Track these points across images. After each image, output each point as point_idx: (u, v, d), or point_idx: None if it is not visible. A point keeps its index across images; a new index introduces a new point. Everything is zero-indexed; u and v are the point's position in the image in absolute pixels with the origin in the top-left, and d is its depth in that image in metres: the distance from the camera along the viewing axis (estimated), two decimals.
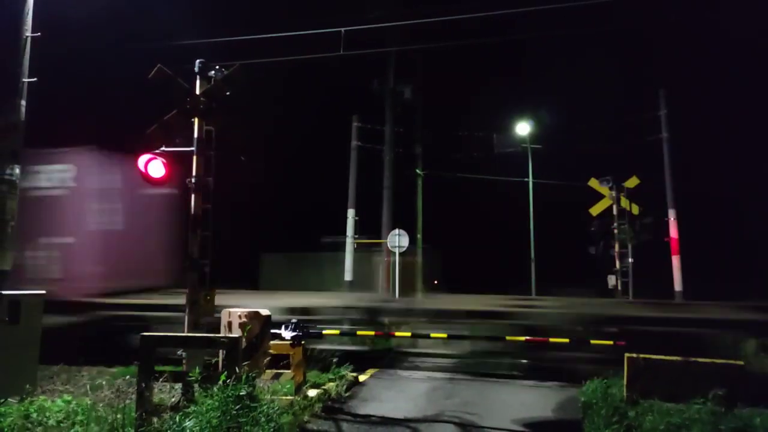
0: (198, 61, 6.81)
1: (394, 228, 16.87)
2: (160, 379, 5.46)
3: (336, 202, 17.96)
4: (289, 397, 6.75)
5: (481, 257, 35.08)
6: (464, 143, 23.31)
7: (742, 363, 5.96)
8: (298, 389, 6.98)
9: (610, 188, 14.96)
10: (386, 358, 10.56)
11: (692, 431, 4.96)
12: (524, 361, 9.92)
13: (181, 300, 6.91)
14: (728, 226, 29.08)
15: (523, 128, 24.33)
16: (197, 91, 6.76)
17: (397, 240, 16.36)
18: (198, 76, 6.82)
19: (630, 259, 14.79)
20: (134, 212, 11.43)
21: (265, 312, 6.63)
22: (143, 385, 5.18)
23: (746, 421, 5.16)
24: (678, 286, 14.23)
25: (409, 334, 12.84)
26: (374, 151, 18.23)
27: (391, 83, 19.07)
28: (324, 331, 9.11)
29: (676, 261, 14.37)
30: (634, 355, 6.16)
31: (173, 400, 5.60)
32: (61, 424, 5.36)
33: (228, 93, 6.76)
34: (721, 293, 18.47)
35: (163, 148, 6.81)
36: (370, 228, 17.61)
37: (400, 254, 16.35)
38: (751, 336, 7.85)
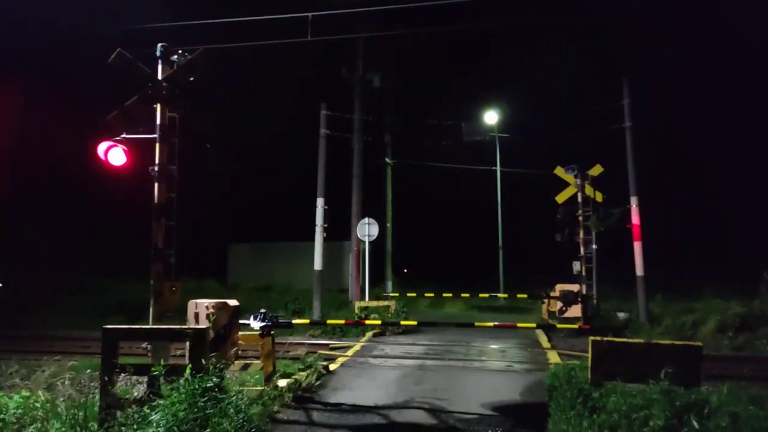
0: (160, 45, 6.58)
1: (363, 217, 16.81)
2: (124, 373, 5.33)
3: (305, 191, 17.80)
4: (258, 388, 6.69)
5: (450, 245, 35.54)
6: (434, 132, 23.41)
7: (700, 344, 6.18)
8: (268, 379, 6.92)
9: (575, 176, 15.21)
10: None
11: (653, 410, 5.12)
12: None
13: None
14: (688, 212, 30.16)
15: (491, 117, 24.57)
16: (159, 77, 6.55)
17: (367, 229, 16.31)
18: (160, 61, 6.60)
19: (594, 246, 15.12)
20: None
21: (233, 302, 6.54)
22: (106, 378, 5.04)
23: (703, 397, 5.36)
24: (640, 271, 14.63)
25: (379, 322, 12.95)
26: (343, 139, 18.08)
27: (359, 71, 18.92)
28: (293, 321, 9.05)
29: (637, 247, 14.74)
30: (599, 338, 6.31)
31: (138, 393, 5.47)
32: (21, 421, 5.18)
33: (192, 78, 6.57)
34: (679, 278, 19.19)
35: (124, 135, 6.61)
36: (339, 217, 17.52)
37: (370, 243, 16.31)
38: None
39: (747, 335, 12.12)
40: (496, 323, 10.32)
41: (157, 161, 6.51)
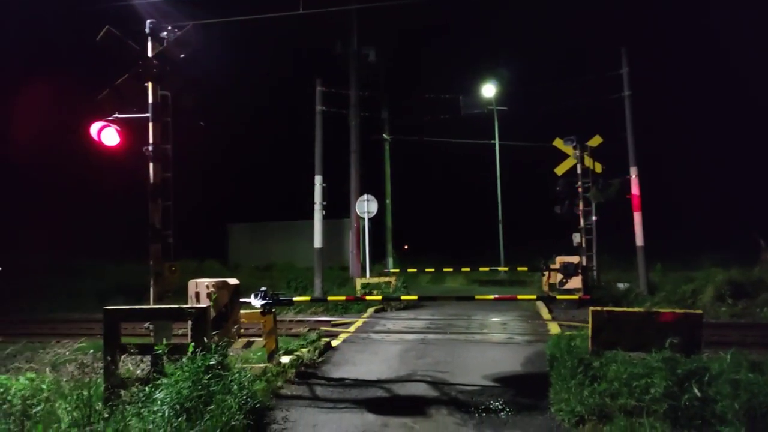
0: (148, 21, 6.45)
1: (362, 194, 16.73)
2: (127, 353, 5.34)
3: (303, 169, 17.70)
4: (261, 365, 6.73)
5: (451, 220, 35.58)
6: (432, 106, 23.18)
7: (701, 312, 6.19)
8: (271, 356, 6.96)
9: (574, 147, 15.11)
10: None
11: (654, 378, 5.14)
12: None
13: None
14: (687, 181, 30.12)
15: (488, 90, 24.31)
16: (149, 54, 6.43)
17: (366, 206, 16.25)
18: (149, 38, 6.47)
19: (594, 217, 15.10)
20: None
21: (233, 281, 6.53)
22: (109, 358, 5.07)
23: (704, 365, 5.39)
24: (639, 241, 14.64)
25: (380, 297, 13.00)
26: (340, 115, 17.90)
27: (354, 45, 18.61)
28: (295, 298, 9.08)
29: (637, 217, 14.72)
30: (599, 308, 6.32)
31: (142, 372, 5.50)
32: (27, 402, 5.21)
33: (183, 55, 6.45)
34: (678, 248, 19.25)
35: (116, 115, 6.52)
36: (338, 195, 17.46)
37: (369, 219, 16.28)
38: None
39: (746, 302, 12.19)
40: (497, 296, 10.35)
41: (150, 141, 6.44)
